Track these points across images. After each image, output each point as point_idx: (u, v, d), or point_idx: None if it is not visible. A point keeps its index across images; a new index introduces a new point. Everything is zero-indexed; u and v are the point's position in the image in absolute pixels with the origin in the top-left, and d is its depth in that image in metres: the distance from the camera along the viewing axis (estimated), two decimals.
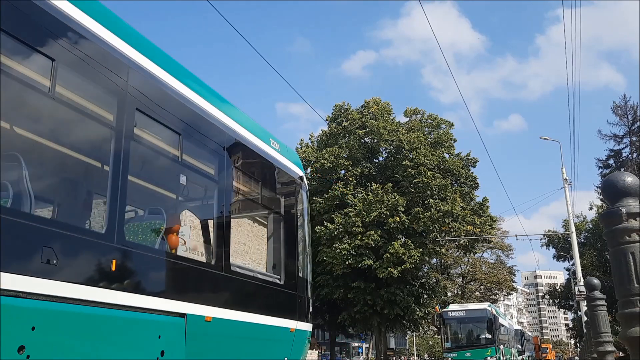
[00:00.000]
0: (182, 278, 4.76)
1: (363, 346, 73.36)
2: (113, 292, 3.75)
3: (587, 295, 5.92)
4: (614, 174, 2.31)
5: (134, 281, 4.12)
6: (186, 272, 4.81)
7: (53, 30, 3.56)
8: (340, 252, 30.56)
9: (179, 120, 4.84)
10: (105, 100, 4.20)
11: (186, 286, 4.75)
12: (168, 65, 4.87)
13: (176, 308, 4.39)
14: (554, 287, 67.30)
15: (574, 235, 24.04)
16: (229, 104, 6.17)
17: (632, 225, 2.16)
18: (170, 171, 5.11)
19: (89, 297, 3.52)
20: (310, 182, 35.27)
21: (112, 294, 3.73)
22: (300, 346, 6.59)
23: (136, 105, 4.29)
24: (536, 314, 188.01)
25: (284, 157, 7.04)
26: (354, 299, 32.33)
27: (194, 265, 4.99)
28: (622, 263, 2.18)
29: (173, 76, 4.85)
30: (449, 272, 50.34)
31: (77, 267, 3.58)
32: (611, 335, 5.50)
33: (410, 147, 33.00)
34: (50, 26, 3.53)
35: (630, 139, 36.77)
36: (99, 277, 3.70)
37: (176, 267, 4.78)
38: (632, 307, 2.13)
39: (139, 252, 4.34)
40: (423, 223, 31.35)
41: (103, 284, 3.70)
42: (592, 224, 44.90)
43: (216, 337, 4.96)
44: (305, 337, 6.76)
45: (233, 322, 5.16)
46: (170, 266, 4.70)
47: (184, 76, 5.10)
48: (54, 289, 3.25)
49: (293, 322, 6.38)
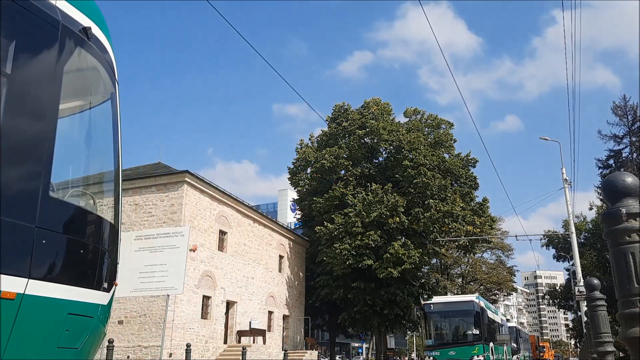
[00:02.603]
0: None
1: (363, 346, 73.38)
2: None
3: (587, 296, 5.92)
4: (614, 174, 2.31)
5: None
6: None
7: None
8: (341, 252, 30.58)
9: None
10: None
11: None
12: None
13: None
14: (554, 287, 67.35)
15: (574, 235, 24.00)
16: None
17: (632, 225, 2.16)
18: None
19: None
20: (311, 182, 35.31)
21: None
22: (79, 328, 3.65)
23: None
24: (536, 314, 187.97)
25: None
26: (354, 299, 32.34)
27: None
28: (622, 263, 2.18)
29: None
30: (449, 272, 50.32)
31: None
32: (611, 335, 5.50)
33: (410, 147, 33.00)
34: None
35: (630, 139, 36.75)
36: None
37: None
38: (632, 307, 2.13)
39: None
40: (423, 223, 31.36)
41: None
42: (592, 224, 44.90)
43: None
44: (93, 313, 3.78)
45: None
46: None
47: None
48: None
49: (67, 288, 3.46)
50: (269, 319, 30.91)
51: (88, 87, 4.47)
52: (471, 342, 20.98)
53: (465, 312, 21.89)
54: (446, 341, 21.85)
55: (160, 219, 23.36)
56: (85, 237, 3.85)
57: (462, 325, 22.13)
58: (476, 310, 21.53)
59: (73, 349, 3.58)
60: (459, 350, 20.75)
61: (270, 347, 28.78)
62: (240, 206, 28.37)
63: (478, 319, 21.41)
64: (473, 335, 21.23)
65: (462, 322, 22.17)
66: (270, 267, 31.59)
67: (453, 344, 21.32)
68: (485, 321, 22.12)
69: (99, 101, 4.51)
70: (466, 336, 21.49)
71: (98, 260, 3.93)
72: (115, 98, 4.46)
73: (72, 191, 3.93)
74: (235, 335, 26.84)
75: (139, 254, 16.17)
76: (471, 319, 21.60)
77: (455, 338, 21.85)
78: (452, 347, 21.14)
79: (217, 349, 24.96)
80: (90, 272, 3.84)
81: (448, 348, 21.15)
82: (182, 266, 15.68)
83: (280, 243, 33.36)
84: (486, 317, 22.43)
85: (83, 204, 4.01)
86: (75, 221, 3.80)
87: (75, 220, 3.79)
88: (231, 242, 27.28)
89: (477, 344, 20.81)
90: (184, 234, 16.22)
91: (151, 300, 21.75)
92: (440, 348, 21.34)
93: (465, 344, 21.00)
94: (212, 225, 25.55)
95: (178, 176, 24.00)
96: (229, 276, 26.64)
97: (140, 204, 24.11)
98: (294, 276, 34.83)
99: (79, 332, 3.67)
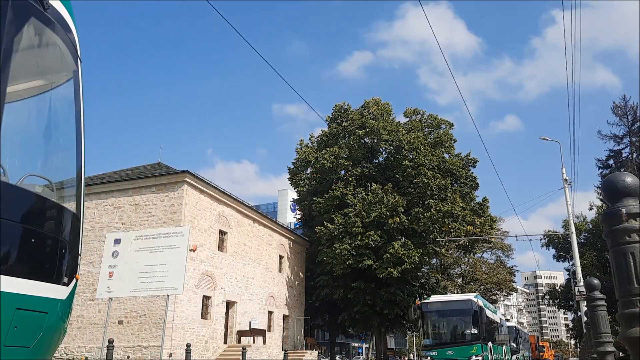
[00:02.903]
0: None
1: (363, 346, 73.38)
2: None
3: (587, 296, 5.91)
4: (614, 174, 2.31)
5: None
6: None
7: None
8: (341, 252, 30.57)
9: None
10: None
11: None
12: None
13: None
14: (554, 287, 67.33)
15: (574, 235, 24.00)
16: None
17: (632, 225, 2.16)
18: None
19: None
20: (311, 182, 35.31)
21: None
22: (31, 325, 3.30)
23: None
24: (536, 314, 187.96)
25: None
26: (354, 299, 32.33)
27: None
28: (622, 263, 2.18)
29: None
30: (448, 272, 50.30)
31: None
32: (611, 335, 5.50)
33: (410, 148, 33.00)
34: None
35: (630, 139, 36.77)
36: None
37: None
38: (632, 307, 2.13)
39: None
40: (423, 223, 31.35)
41: None
42: (592, 224, 44.91)
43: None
44: (48, 308, 3.45)
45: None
46: None
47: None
48: None
49: (16, 280, 3.11)
50: (269, 319, 30.91)
51: (46, 65, 4.03)
52: (469, 342, 20.41)
53: (464, 311, 21.35)
54: (444, 341, 21.30)
55: (160, 219, 23.36)
56: (40, 226, 3.48)
57: (460, 325, 21.55)
58: (474, 309, 21.03)
59: (23, 348, 3.24)
60: (456, 350, 20.23)
61: (270, 347, 28.78)
62: (240, 206, 28.37)
63: (476, 318, 20.92)
64: (471, 335, 20.68)
65: (460, 322, 21.60)
66: (270, 267, 31.59)
67: (451, 344, 20.80)
68: (484, 320, 21.66)
69: (60, 80, 4.11)
70: (464, 336, 20.91)
71: (55, 252, 3.56)
72: (78, 77, 4.07)
73: (27, 176, 3.55)
74: (235, 335, 26.84)
75: (139, 254, 16.17)
76: (469, 318, 21.07)
77: (453, 337, 21.30)
78: (450, 346, 20.61)
79: (217, 349, 24.96)
80: (46, 264, 3.49)
81: (446, 348, 20.61)
82: (182, 266, 15.67)
83: (280, 243, 33.36)
84: (484, 316, 21.91)
85: (39, 191, 3.62)
86: (29, 208, 3.40)
87: (28, 207, 3.39)
88: (231, 242, 27.28)
89: (475, 344, 20.26)
90: (184, 234, 16.22)
91: (151, 300, 21.75)
92: (438, 348, 20.80)
93: (464, 343, 20.46)
94: (212, 225, 25.54)
95: (178, 176, 24.00)
96: (229, 276, 26.64)
97: (140, 204, 24.11)
98: (294, 276, 34.83)
99: (31, 329, 3.31)
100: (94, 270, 22.85)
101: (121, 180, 25.22)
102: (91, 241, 24.10)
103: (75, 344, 22.80)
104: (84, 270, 23.81)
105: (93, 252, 23.66)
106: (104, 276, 16.38)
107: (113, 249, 16.75)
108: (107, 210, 24.61)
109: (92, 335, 22.67)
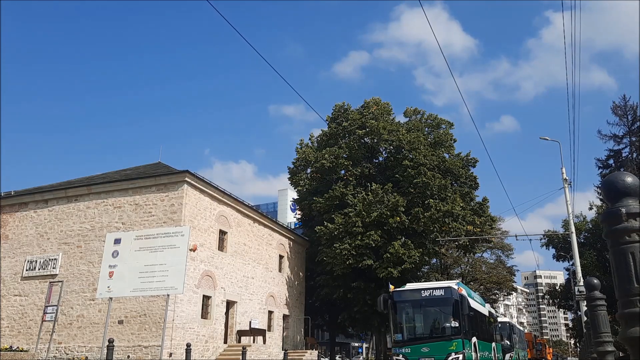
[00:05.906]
0: None
1: (363, 346, 73.37)
2: None
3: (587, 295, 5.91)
4: (614, 174, 2.31)
5: None
6: None
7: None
8: (341, 252, 30.57)
9: None
10: None
11: None
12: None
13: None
14: (554, 287, 67.37)
15: (574, 235, 24.01)
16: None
17: (632, 225, 2.16)
18: None
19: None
20: (310, 182, 35.31)
21: None
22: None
23: None
24: (536, 314, 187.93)
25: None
26: (354, 298, 32.32)
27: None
28: (622, 263, 2.18)
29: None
30: (448, 272, 50.29)
31: None
32: (611, 335, 5.49)
33: (410, 147, 32.99)
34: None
35: (630, 139, 36.78)
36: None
37: None
38: (632, 307, 2.13)
39: None
40: (423, 223, 31.35)
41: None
42: (592, 224, 44.89)
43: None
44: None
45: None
46: None
47: None
48: None
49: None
50: (269, 318, 30.90)
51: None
52: (448, 337, 17.36)
53: (442, 299, 18.02)
54: (418, 336, 18.15)
55: (160, 219, 23.34)
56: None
57: (438, 317, 18.48)
58: (455, 299, 17.74)
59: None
60: (433, 347, 17.29)
61: (270, 347, 28.76)
62: (240, 206, 28.36)
63: (457, 309, 17.60)
64: (451, 329, 17.52)
65: (437, 313, 18.51)
66: (270, 267, 31.58)
67: (427, 339, 17.77)
68: (466, 312, 18.09)
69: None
70: (443, 330, 17.89)
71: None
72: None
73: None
74: (235, 335, 26.84)
75: (139, 254, 16.18)
76: (449, 309, 17.86)
77: (430, 332, 18.24)
78: (426, 342, 17.61)
79: (217, 349, 24.96)
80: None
81: (421, 344, 17.59)
82: (182, 266, 15.68)
83: (280, 243, 33.35)
84: (467, 307, 18.20)
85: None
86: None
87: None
88: (231, 242, 27.27)
89: (455, 339, 17.13)
90: (184, 234, 16.23)
91: (151, 300, 21.74)
92: (411, 344, 17.68)
93: (441, 338, 17.51)
94: (212, 225, 25.54)
95: (178, 176, 23.99)
96: (229, 276, 26.64)
97: (140, 203, 24.10)
98: (294, 276, 34.82)
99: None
100: (94, 270, 22.86)
101: (121, 180, 25.21)
102: (91, 241, 24.10)
103: (75, 344, 22.79)
104: (84, 270, 23.81)
105: (93, 252, 23.66)
106: (104, 276, 16.40)
107: (113, 248, 16.77)
108: (107, 210, 24.60)
109: (92, 335, 22.66)
